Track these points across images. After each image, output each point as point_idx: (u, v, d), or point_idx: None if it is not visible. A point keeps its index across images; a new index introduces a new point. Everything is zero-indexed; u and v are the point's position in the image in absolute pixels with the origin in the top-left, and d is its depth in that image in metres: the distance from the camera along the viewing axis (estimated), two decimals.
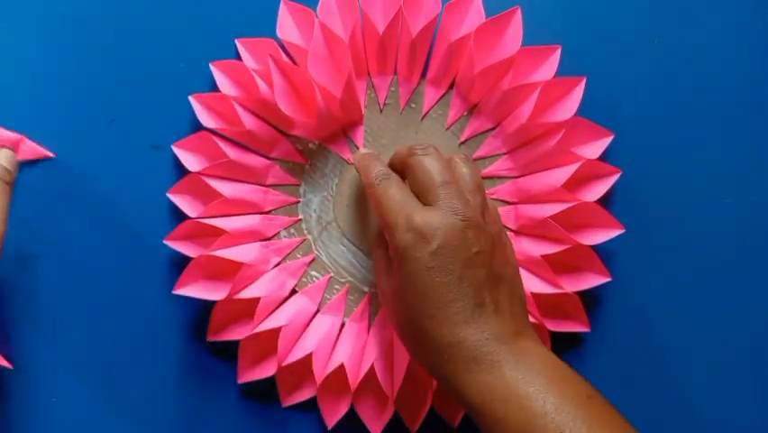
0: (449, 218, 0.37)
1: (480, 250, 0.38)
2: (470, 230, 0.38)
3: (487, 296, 0.37)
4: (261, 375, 0.47)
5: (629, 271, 0.48)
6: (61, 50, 0.49)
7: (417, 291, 0.37)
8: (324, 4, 0.47)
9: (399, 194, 0.39)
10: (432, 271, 0.37)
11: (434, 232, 0.37)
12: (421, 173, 0.40)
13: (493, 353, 0.36)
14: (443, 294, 0.37)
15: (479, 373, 0.36)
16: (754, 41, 0.49)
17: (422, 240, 0.37)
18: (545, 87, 0.45)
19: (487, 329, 0.37)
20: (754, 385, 0.48)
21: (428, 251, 0.37)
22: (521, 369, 0.36)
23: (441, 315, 0.37)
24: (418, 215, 0.38)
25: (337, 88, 0.45)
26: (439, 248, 0.37)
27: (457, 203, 0.38)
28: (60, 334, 0.48)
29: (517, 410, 0.35)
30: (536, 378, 0.36)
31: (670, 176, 0.49)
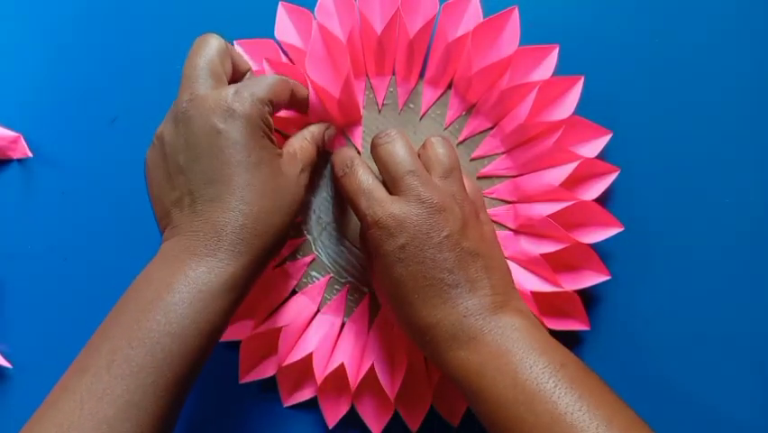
0: (415, 208, 0.38)
1: (450, 233, 0.38)
2: (438, 215, 0.38)
3: (461, 276, 0.38)
4: (262, 375, 0.47)
5: (628, 270, 0.48)
6: (61, 51, 0.49)
7: (394, 282, 0.38)
8: (322, 6, 0.47)
9: (365, 183, 0.40)
10: (404, 263, 0.38)
11: (402, 225, 0.38)
12: (386, 163, 0.40)
13: (470, 329, 0.37)
14: (417, 281, 0.38)
15: (457, 350, 0.37)
16: (753, 39, 0.49)
17: (390, 235, 0.38)
18: (543, 86, 0.45)
19: (463, 308, 0.38)
20: (753, 383, 0.48)
21: (397, 244, 0.38)
22: (497, 342, 0.37)
23: (418, 300, 0.38)
24: (384, 209, 0.39)
25: (335, 89, 0.45)
26: (408, 240, 0.38)
27: (423, 191, 0.39)
28: (60, 334, 0.49)
29: (491, 383, 0.36)
30: (510, 350, 0.36)
31: (668, 174, 0.49)
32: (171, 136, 0.39)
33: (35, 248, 0.49)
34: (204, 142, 0.38)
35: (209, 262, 0.36)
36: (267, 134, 0.39)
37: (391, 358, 0.46)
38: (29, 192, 0.49)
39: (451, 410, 0.47)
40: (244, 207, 0.37)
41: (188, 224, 0.37)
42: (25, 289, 0.49)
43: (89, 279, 0.49)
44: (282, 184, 0.39)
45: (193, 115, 0.38)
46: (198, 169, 0.38)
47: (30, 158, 0.49)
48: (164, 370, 0.34)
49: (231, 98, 0.38)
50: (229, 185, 0.37)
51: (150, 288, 0.36)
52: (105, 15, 0.50)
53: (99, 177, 0.49)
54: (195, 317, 0.35)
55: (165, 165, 0.39)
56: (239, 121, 0.38)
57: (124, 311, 0.36)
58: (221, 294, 0.36)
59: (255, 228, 0.37)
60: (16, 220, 0.49)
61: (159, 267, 0.37)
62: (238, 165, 0.37)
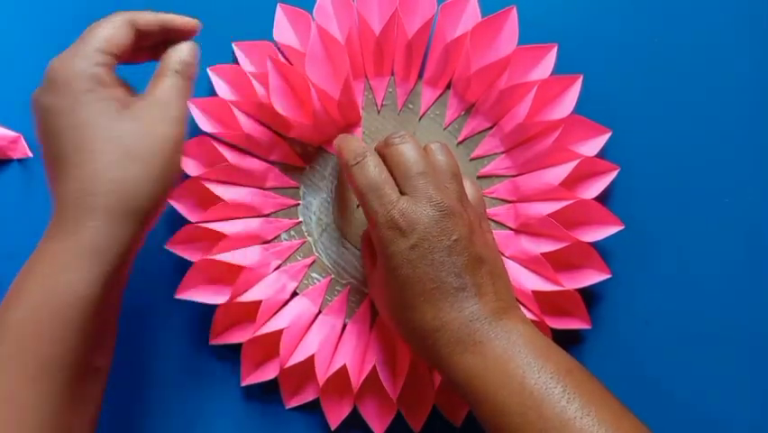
0: (426, 209, 0.38)
1: (459, 237, 0.38)
2: (448, 219, 0.38)
3: (468, 280, 0.38)
4: (264, 377, 0.47)
5: (629, 268, 0.48)
6: (61, 51, 0.49)
7: (400, 283, 0.38)
8: (321, 7, 0.47)
9: (377, 177, 0.39)
10: (412, 263, 0.38)
11: (413, 225, 0.38)
12: (398, 163, 0.40)
13: (475, 333, 0.37)
14: (425, 283, 0.38)
15: (462, 354, 0.37)
16: (752, 38, 0.49)
17: (401, 235, 0.38)
18: (542, 85, 0.46)
19: (469, 312, 0.37)
20: (753, 382, 0.48)
21: (407, 245, 0.38)
22: (502, 347, 0.36)
23: (424, 303, 0.38)
24: (396, 208, 0.38)
25: (335, 90, 0.45)
26: (418, 241, 0.38)
27: (434, 192, 0.38)
28: None
29: (497, 388, 0.35)
30: (516, 356, 0.36)
31: (668, 172, 0.49)
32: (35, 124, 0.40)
33: (35, 248, 0.49)
34: (43, 123, 0.38)
35: (73, 231, 0.36)
36: (95, 89, 0.38)
37: (393, 359, 0.46)
38: (29, 192, 0.49)
39: (453, 411, 0.47)
40: (77, 171, 0.36)
41: (56, 200, 0.37)
42: None
43: None
44: (135, 133, 0.38)
45: (34, 100, 0.39)
46: (48, 148, 0.38)
47: (30, 158, 0.49)
48: (24, 356, 0.34)
49: (53, 69, 0.38)
50: (68, 154, 0.37)
51: (33, 269, 0.37)
52: (104, 15, 0.49)
53: None
54: (67, 289, 0.35)
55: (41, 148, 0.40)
56: (59, 91, 0.38)
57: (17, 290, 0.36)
58: (87, 257, 0.35)
59: (97, 189, 0.36)
60: (16, 220, 0.49)
61: (38, 248, 0.38)
62: (65, 131, 0.37)
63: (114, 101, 0.38)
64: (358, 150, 0.41)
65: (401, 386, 0.45)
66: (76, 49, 0.39)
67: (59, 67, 0.38)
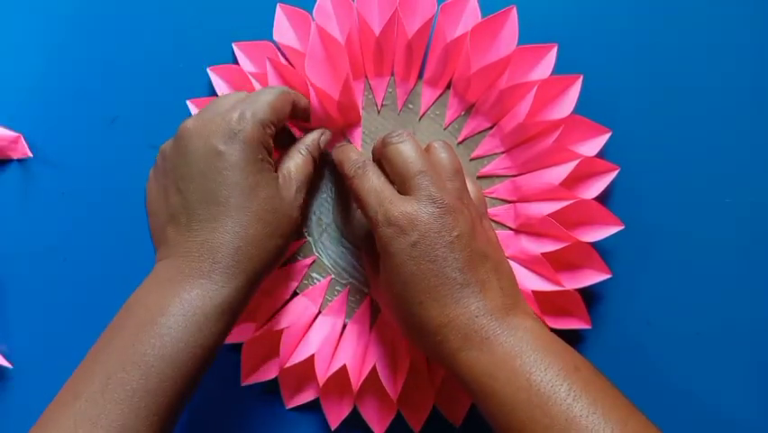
0: (427, 207, 0.38)
1: (461, 233, 0.38)
2: (449, 216, 0.38)
3: (471, 276, 0.38)
4: (264, 377, 0.47)
5: (629, 268, 0.48)
6: (61, 51, 0.50)
7: (404, 281, 0.38)
8: (321, 7, 0.47)
9: (377, 184, 0.40)
10: (415, 261, 0.38)
11: (413, 223, 0.38)
12: (397, 163, 0.40)
13: (483, 329, 0.37)
14: (429, 280, 0.38)
15: (470, 350, 0.37)
16: (753, 38, 0.49)
17: (402, 233, 0.38)
18: (542, 85, 0.46)
19: (474, 308, 0.37)
20: (754, 382, 0.48)
21: (409, 242, 0.38)
22: (510, 343, 0.36)
23: (429, 300, 0.38)
24: (396, 207, 0.38)
25: (335, 90, 0.45)
26: (419, 238, 0.38)
27: (434, 190, 0.39)
28: (60, 334, 0.49)
29: (504, 385, 0.35)
30: (524, 352, 0.36)
31: (668, 172, 0.49)
32: (171, 152, 0.40)
33: (35, 248, 0.49)
34: (202, 161, 0.38)
35: (203, 285, 0.37)
36: (266, 158, 0.40)
37: (393, 359, 0.46)
38: (29, 192, 0.49)
39: (453, 411, 0.47)
40: (240, 230, 0.38)
41: (183, 243, 0.38)
42: (25, 289, 0.49)
43: (89, 279, 0.49)
44: (278, 207, 0.40)
45: (194, 134, 0.39)
46: (195, 188, 0.38)
47: (30, 158, 0.49)
48: (158, 394, 0.34)
49: (235, 121, 0.38)
50: (226, 207, 0.38)
51: (143, 310, 0.36)
52: (104, 15, 0.50)
53: (99, 177, 0.49)
54: (188, 341, 0.35)
55: (164, 181, 0.40)
56: (239, 144, 0.38)
57: (118, 334, 0.36)
58: (214, 317, 0.36)
59: (250, 252, 0.38)
60: (16, 220, 0.49)
61: (152, 289, 0.37)
62: (235, 187, 0.38)
63: (274, 175, 0.40)
64: (356, 161, 0.42)
65: (401, 386, 0.45)
66: (252, 109, 0.39)
67: (240, 122, 0.39)
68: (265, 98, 0.41)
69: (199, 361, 0.36)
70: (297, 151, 0.44)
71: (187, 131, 0.39)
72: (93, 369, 0.35)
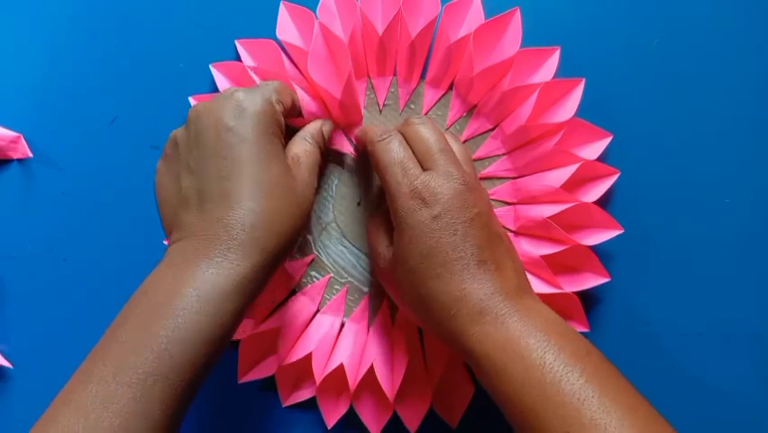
0: (449, 182, 0.39)
1: (480, 211, 0.39)
2: (470, 192, 0.39)
3: (488, 255, 0.38)
4: (261, 375, 0.47)
5: (628, 272, 0.48)
6: (62, 51, 0.49)
7: (422, 253, 0.38)
8: (324, 6, 0.47)
9: (402, 155, 0.40)
10: (436, 233, 0.38)
11: (436, 196, 0.38)
12: (419, 140, 0.41)
13: (497, 306, 0.37)
14: (448, 253, 0.38)
15: (483, 325, 0.37)
16: (753, 40, 0.49)
17: (424, 205, 0.38)
18: (544, 88, 0.45)
19: (491, 285, 0.38)
20: (753, 384, 0.48)
21: (431, 215, 0.38)
22: (524, 322, 0.37)
23: (446, 273, 0.38)
24: (420, 180, 0.39)
25: (337, 89, 0.45)
26: (442, 211, 0.38)
27: (454, 168, 0.39)
28: (60, 334, 0.49)
29: (516, 361, 0.35)
30: (537, 332, 0.36)
31: (668, 176, 0.49)
32: (182, 137, 0.39)
33: (35, 248, 0.49)
34: (213, 139, 0.37)
35: (219, 264, 0.35)
36: (277, 134, 0.39)
37: (391, 358, 0.46)
38: (29, 192, 0.49)
39: (450, 411, 0.47)
40: (254, 205, 0.37)
41: (197, 224, 0.37)
42: (25, 289, 0.49)
43: (89, 279, 0.49)
44: (291, 185, 0.39)
45: (203, 115, 0.38)
46: (207, 166, 0.37)
47: (30, 158, 0.49)
48: (171, 377, 0.33)
49: (242, 98, 0.38)
50: (238, 182, 0.37)
51: (158, 292, 0.35)
52: (104, 15, 0.49)
53: (99, 177, 0.49)
54: (203, 322, 0.34)
55: (176, 168, 0.39)
56: (249, 118, 0.38)
57: (131, 316, 0.35)
58: (231, 297, 0.35)
59: (265, 227, 0.37)
60: (16, 220, 0.49)
61: (166, 271, 0.36)
62: (247, 162, 0.37)
63: (286, 154, 0.40)
64: (383, 130, 0.42)
65: (398, 386, 0.45)
66: (259, 90, 0.40)
67: (247, 99, 0.38)
68: (270, 83, 0.41)
69: (215, 342, 0.35)
70: (302, 138, 0.43)
71: (195, 113, 0.39)
72: (106, 352, 0.34)
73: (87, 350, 0.36)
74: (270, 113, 0.39)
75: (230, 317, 0.35)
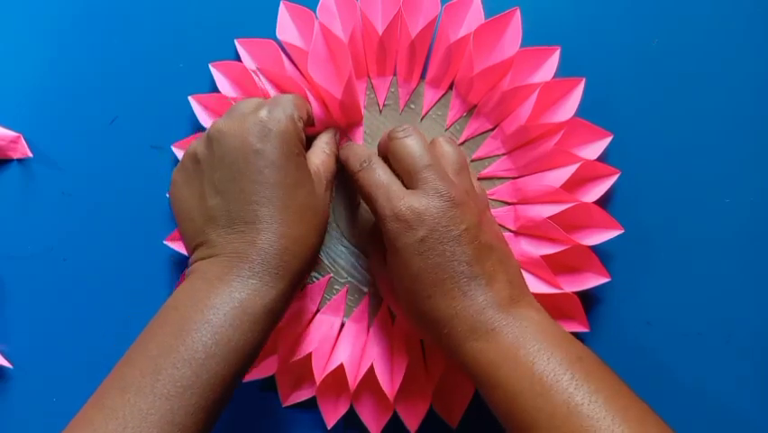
0: (434, 201, 0.38)
1: (468, 226, 0.39)
2: (456, 209, 0.39)
3: (479, 269, 0.38)
4: (261, 375, 0.47)
5: (628, 272, 0.48)
6: (62, 51, 0.49)
7: (412, 275, 0.38)
8: (324, 5, 0.47)
9: (384, 178, 0.40)
10: (423, 256, 0.38)
11: (421, 217, 0.38)
12: (403, 157, 0.40)
13: (489, 321, 0.37)
14: (437, 274, 0.38)
15: (476, 341, 0.37)
16: (753, 40, 0.49)
17: (409, 228, 0.38)
18: (544, 88, 0.45)
19: (482, 300, 0.38)
20: (754, 384, 0.48)
21: (417, 238, 0.38)
22: (515, 334, 0.37)
23: (437, 293, 0.38)
24: (403, 202, 0.39)
25: (337, 89, 0.45)
26: (428, 232, 0.38)
27: (441, 184, 0.39)
28: (60, 334, 0.49)
29: (508, 374, 0.36)
30: (529, 342, 0.37)
31: (669, 176, 0.49)
32: (206, 155, 0.39)
33: (35, 248, 0.49)
34: (241, 161, 0.38)
35: (254, 285, 0.36)
36: (302, 152, 0.39)
37: (391, 359, 0.46)
38: (29, 192, 0.49)
39: (450, 411, 0.47)
40: (286, 230, 0.37)
41: (228, 244, 0.37)
42: (25, 289, 0.49)
43: (89, 279, 0.49)
44: (316, 205, 0.40)
45: (228, 135, 0.38)
46: (236, 189, 0.38)
47: (30, 158, 0.49)
48: (207, 391, 0.34)
49: (266, 117, 0.38)
50: (269, 207, 0.37)
51: (192, 307, 0.36)
52: (105, 15, 0.49)
53: (99, 177, 0.49)
54: (239, 340, 0.35)
55: (198, 184, 0.39)
56: (275, 140, 0.38)
57: (165, 330, 0.35)
58: (263, 317, 0.36)
59: (296, 251, 0.38)
60: (16, 220, 0.49)
61: (199, 286, 0.37)
62: (277, 186, 0.38)
63: (310, 172, 0.40)
64: (362, 155, 0.42)
65: (398, 386, 0.45)
66: (280, 107, 0.39)
67: (272, 118, 0.38)
68: (288, 97, 0.41)
69: (246, 359, 0.36)
70: (320, 149, 0.44)
71: (219, 132, 0.38)
72: (140, 363, 0.34)
73: (88, 350, 0.36)
74: (294, 131, 0.39)
75: (261, 336, 0.37)
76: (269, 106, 0.39)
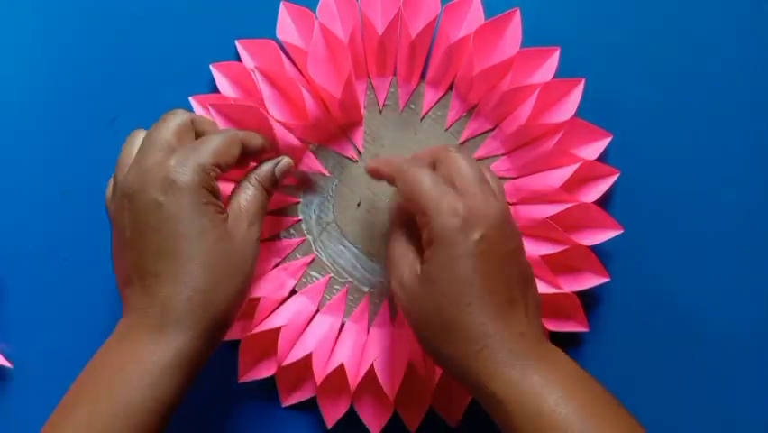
0: (491, 207, 0.37)
1: (516, 247, 0.38)
2: (508, 225, 0.37)
3: (519, 295, 0.37)
4: (261, 375, 0.47)
5: (628, 272, 0.48)
6: (62, 51, 0.49)
7: (457, 278, 0.36)
8: (324, 6, 0.47)
9: (435, 178, 0.38)
10: (474, 259, 0.36)
11: (480, 219, 0.36)
12: (457, 168, 0.38)
13: (524, 352, 0.36)
14: (483, 284, 0.36)
15: (511, 368, 0.36)
16: (753, 40, 0.49)
17: (468, 225, 0.36)
18: (544, 88, 0.45)
19: (520, 327, 0.37)
20: (753, 384, 0.48)
21: (473, 237, 0.36)
22: (547, 375, 0.36)
23: (478, 304, 0.36)
24: (461, 201, 0.37)
25: (337, 90, 0.45)
26: (483, 236, 0.36)
27: (495, 199, 0.38)
28: (60, 334, 0.49)
29: (532, 417, 0.35)
30: (559, 387, 0.35)
31: (668, 176, 0.49)
32: (117, 212, 0.39)
33: (35, 248, 0.49)
34: (146, 216, 0.37)
35: (156, 340, 0.36)
36: (211, 201, 0.38)
37: (391, 359, 0.46)
38: (29, 192, 0.49)
39: (450, 411, 0.47)
40: (189, 280, 0.37)
41: (138, 300, 0.38)
42: (25, 289, 0.49)
43: (89, 279, 0.49)
44: (228, 249, 0.39)
45: (136, 190, 0.38)
46: (144, 244, 0.37)
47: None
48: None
49: (172, 168, 0.37)
50: (174, 259, 0.37)
51: (104, 369, 0.36)
52: (105, 15, 0.49)
53: (99, 177, 0.49)
54: (143, 397, 0.35)
55: (117, 240, 0.39)
56: (179, 192, 0.37)
57: (82, 394, 0.36)
58: (170, 370, 0.36)
59: (201, 300, 0.37)
60: (16, 220, 0.49)
61: (112, 346, 0.37)
62: (179, 237, 0.37)
63: (222, 216, 0.39)
64: (408, 159, 0.41)
65: (398, 386, 0.45)
66: (193, 155, 0.38)
67: (178, 170, 0.37)
68: (207, 145, 0.39)
69: (156, 415, 0.35)
70: (247, 183, 0.42)
71: (127, 187, 0.38)
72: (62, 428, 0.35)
73: (87, 350, 0.36)
74: (201, 181, 0.38)
75: (171, 391, 0.36)
76: (179, 156, 0.38)
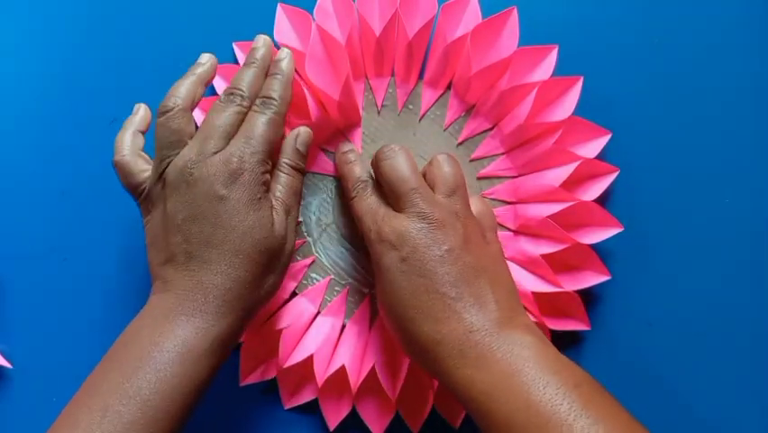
0: (416, 223, 0.39)
1: (451, 247, 0.38)
2: (438, 230, 0.39)
3: (464, 290, 0.38)
4: (263, 378, 0.47)
5: (628, 270, 0.48)
6: (61, 51, 0.50)
7: (397, 296, 0.39)
8: (321, 7, 0.47)
9: (372, 202, 0.42)
10: (405, 275, 0.38)
11: (403, 238, 0.39)
12: (389, 179, 0.41)
13: (477, 346, 0.37)
14: (420, 295, 0.38)
15: (466, 368, 0.36)
16: (752, 39, 0.49)
17: (392, 248, 0.39)
18: (542, 86, 0.46)
19: (468, 323, 0.37)
20: (753, 383, 0.48)
21: (399, 257, 0.39)
22: (506, 361, 0.36)
23: (420, 315, 0.38)
24: (387, 224, 0.40)
25: (335, 91, 0.45)
26: (409, 253, 0.38)
27: (424, 206, 0.39)
28: (60, 334, 0.49)
29: (501, 405, 0.35)
30: (522, 370, 0.35)
31: (668, 174, 0.49)
32: (174, 196, 0.40)
33: (35, 248, 0.49)
34: (205, 205, 0.39)
35: (195, 323, 0.38)
36: (263, 195, 0.40)
37: (392, 359, 0.46)
38: (29, 192, 0.49)
39: (452, 412, 0.47)
40: (232, 272, 0.39)
41: (180, 281, 0.39)
42: (25, 289, 0.49)
43: (89, 279, 0.49)
44: (271, 245, 0.40)
45: (198, 178, 0.39)
46: (195, 229, 0.39)
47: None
48: (152, 426, 0.35)
49: (235, 164, 0.39)
50: (221, 249, 0.39)
51: (139, 344, 0.37)
52: (105, 15, 0.50)
53: (99, 177, 0.49)
54: (183, 376, 0.36)
55: (164, 221, 0.40)
56: (241, 188, 0.39)
57: (114, 366, 0.37)
58: (207, 354, 0.37)
59: (240, 291, 0.39)
60: (16, 220, 0.49)
61: (147, 323, 0.38)
62: (232, 231, 0.39)
63: (270, 211, 0.40)
64: (358, 180, 0.43)
65: (400, 387, 0.45)
66: (251, 148, 0.39)
67: (240, 164, 0.39)
68: (260, 131, 0.40)
69: (193, 394, 0.37)
70: (278, 171, 0.43)
71: (190, 174, 0.39)
72: (91, 400, 0.36)
73: (88, 350, 0.36)
74: (258, 177, 0.39)
75: (206, 371, 0.38)
76: (240, 150, 0.39)
